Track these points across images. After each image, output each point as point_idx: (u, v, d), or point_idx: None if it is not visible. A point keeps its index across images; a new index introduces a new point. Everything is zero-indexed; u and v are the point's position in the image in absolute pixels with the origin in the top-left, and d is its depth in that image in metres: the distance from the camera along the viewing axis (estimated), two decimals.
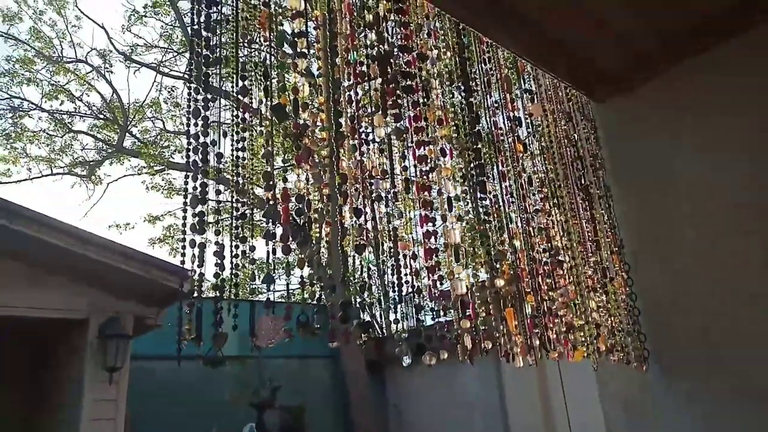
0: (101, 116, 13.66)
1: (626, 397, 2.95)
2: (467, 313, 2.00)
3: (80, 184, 13.69)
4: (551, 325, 2.27)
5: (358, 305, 1.96)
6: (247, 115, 1.64)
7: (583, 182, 2.82)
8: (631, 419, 2.92)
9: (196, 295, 1.52)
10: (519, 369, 2.41)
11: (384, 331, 9.02)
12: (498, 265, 2.10)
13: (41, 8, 13.16)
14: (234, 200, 1.54)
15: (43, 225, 5.02)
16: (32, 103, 13.01)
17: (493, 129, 2.46)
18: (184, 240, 1.49)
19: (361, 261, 1.96)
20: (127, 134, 13.44)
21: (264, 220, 1.65)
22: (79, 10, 13.51)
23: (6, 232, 4.81)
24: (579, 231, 2.68)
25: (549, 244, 2.44)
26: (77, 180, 13.63)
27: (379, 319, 8.46)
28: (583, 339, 2.39)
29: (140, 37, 14.48)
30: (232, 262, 1.53)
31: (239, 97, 1.58)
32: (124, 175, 13.74)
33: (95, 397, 5.26)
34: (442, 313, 1.94)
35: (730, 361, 2.57)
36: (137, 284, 5.44)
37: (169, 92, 13.53)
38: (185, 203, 1.38)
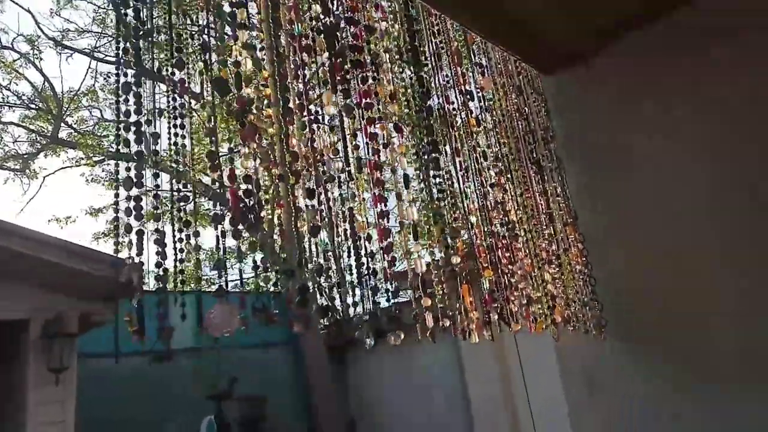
0: (33, 106, 12.90)
1: (585, 367, 3.00)
2: (428, 292, 1.96)
3: (14, 179, 12.96)
4: (512, 299, 2.26)
5: (316, 289, 1.89)
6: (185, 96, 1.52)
7: (534, 156, 2.82)
8: (590, 390, 2.97)
9: (140, 288, 1.42)
10: (477, 346, 2.39)
11: (343, 314, 8.95)
12: (452, 243, 2.06)
13: None
14: (174, 183, 1.43)
15: None
16: None
17: (445, 104, 2.41)
18: (116, 228, 1.38)
19: (316, 244, 1.89)
20: (62, 124, 12.74)
21: (211, 207, 1.55)
22: None
23: None
24: (533, 204, 2.67)
25: (506, 218, 2.43)
26: (10, 174, 12.90)
27: (338, 303, 8.42)
28: (541, 311, 2.39)
29: (71, 22, 13.69)
30: (176, 250, 1.42)
31: (175, 71, 1.46)
32: (61, 168, 13.03)
33: (40, 399, 5.02)
34: (398, 294, 1.90)
35: (684, 334, 2.64)
36: (78, 280, 5.17)
37: (105, 79, 12.81)
38: (117, 187, 1.26)
